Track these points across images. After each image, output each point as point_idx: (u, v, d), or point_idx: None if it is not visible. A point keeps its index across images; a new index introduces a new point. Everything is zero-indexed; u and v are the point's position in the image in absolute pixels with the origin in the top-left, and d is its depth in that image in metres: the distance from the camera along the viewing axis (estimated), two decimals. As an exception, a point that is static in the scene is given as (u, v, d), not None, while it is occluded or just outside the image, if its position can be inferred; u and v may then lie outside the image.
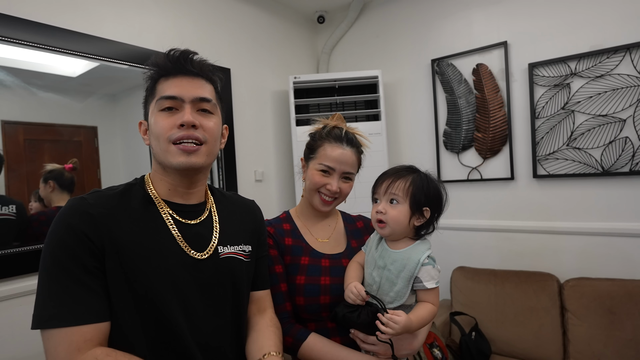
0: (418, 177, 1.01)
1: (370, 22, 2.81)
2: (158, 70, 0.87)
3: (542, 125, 2.15)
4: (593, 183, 2.04)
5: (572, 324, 1.90)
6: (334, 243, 1.16)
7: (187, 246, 0.84)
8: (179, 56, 0.86)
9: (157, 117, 0.84)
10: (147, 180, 0.90)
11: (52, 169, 1.55)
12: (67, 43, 1.60)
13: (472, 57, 2.36)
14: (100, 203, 0.79)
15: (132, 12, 1.86)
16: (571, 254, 2.11)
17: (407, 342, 0.99)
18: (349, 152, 1.11)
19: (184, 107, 0.84)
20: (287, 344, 1.01)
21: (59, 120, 1.58)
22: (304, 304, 1.04)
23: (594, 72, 1.99)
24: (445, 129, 2.49)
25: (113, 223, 0.77)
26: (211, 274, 0.85)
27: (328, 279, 1.06)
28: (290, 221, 1.18)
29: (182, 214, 0.87)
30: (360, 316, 0.92)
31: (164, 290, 0.78)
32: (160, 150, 0.83)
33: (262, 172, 2.52)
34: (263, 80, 2.58)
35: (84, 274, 0.73)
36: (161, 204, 0.86)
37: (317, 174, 1.11)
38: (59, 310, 0.69)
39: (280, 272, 1.07)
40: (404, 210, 0.99)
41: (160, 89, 0.85)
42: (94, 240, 0.74)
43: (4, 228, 1.41)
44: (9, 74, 1.44)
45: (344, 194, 1.12)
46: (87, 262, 0.73)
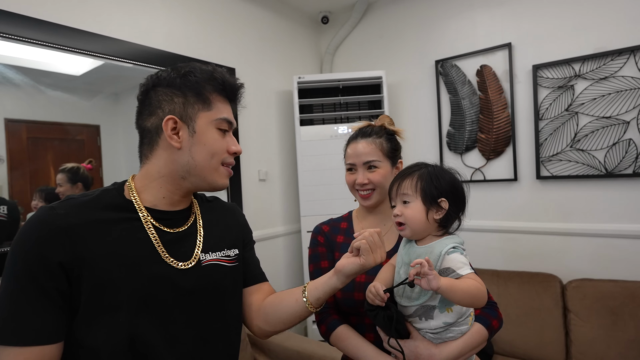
0: (425, 170, 0.99)
1: (374, 23, 2.82)
2: (217, 85, 0.85)
3: (546, 127, 2.15)
4: (596, 185, 2.05)
5: (574, 325, 1.91)
6: (385, 243, 1.16)
7: (169, 256, 0.81)
8: (239, 89, 0.90)
9: (215, 134, 0.85)
10: (129, 186, 0.84)
11: (79, 169, 1.59)
12: (74, 41, 1.61)
13: (476, 59, 2.37)
14: (71, 213, 0.73)
15: (139, 12, 1.87)
16: (574, 255, 2.11)
17: (427, 354, 0.93)
18: (362, 143, 1.14)
19: (230, 134, 0.89)
20: (322, 331, 1.09)
21: (63, 118, 1.58)
22: (341, 297, 1.09)
23: (598, 74, 1.99)
24: (448, 130, 2.50)
25: (84, 235, 0.72)
26: (194, 283, 0.82)
27: (364, 277, 1.07)
28: (349, 220, 1.23)
29: (166, 222, 0.84)
30: (376, 317, 0.91)
31: (138, 304, 0.74)
32: (209, 166, 0.84)
33: (265, 171, 2.53)
34: (267, 80, 2.59)
35: (39, 295, 0.69)
36: (143, 212, 0.81)
37: (347, 175, 1.18)
38: (7, 327, 0.67)
39: (326, 267, 1.13)
40: (417, 206, 0.96)
41: (220, 107, 0.86)
42: (60, 258, 0.69)
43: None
44: (12, 72, 1.45)
45: (375, 183, 1.13)
46: (45, 281, 0.69)
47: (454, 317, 0.93)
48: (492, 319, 1.02)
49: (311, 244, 1.20)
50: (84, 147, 1.64)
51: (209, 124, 0.84)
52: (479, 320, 0.99)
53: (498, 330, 1.04)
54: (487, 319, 1.01)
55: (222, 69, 0.88)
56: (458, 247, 0.94)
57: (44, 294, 0.69)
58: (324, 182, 2.46)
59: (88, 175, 1.63)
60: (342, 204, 1.44)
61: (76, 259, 0.71)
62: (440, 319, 0.92)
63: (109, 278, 0.73)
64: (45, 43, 1.52)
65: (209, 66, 0.88)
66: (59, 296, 0.70)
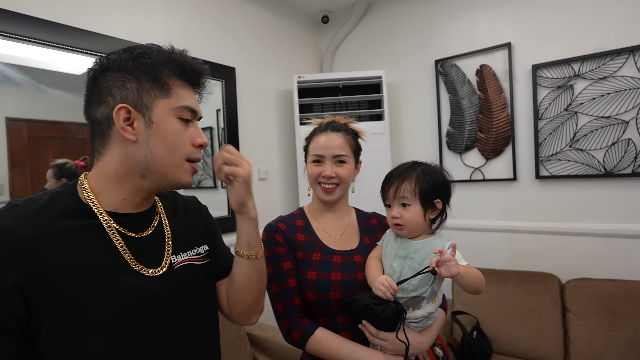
0: (422, 173, 1.03)
1: (374, 23, 2.83)
2: (176, 69, 0.75)
3: (545, 127, 2.16)
4: (595, 184, 2.05)
5: (573, 324, 1.91)
6: (346, 239, 1.16)
7: (138, 264, 0.73)
8: (203, 73, 0.80)
9: (176, 124, 0.75)
10: (83, 187, 0.73)
11: (65, 163, 1.56)
12: (75, 40, 1.61)
13: (476, 58, 2.37)
14: (20, 225, 0.63)
15: (139, 11, 1.88)
16: (573, 255, 2.12)
17: (417, 342, 1.00)
18: (334, 136, 1.12)
19: (195, 124, 0.79)
20: (295, 338, 1.03)
21: (63, 117, 1.59)
22: (315, 298, 1.05)
23: (597, 74, 2.00)
24: (448, 130, 2.50)
25: (41, 250, 0.63)
26: (168, 289, 0.75)
27: (339, 275, 1.06)
28: (304, 217, 1.19)
29: (131, 226, 0.75)
30: (384, 311, 0.92)
31: (113, 322, 0.67)
32: (171, 162, 0.74)
33: (265, 170, 2.54)
34: (267, 80, 2.60)
35: None
36: (104, 216, 0.71)
37: (311, 166, 1.14)
38: None
39: (289, 268, 1.08)
40: (417, 209, 1.02)
41: (180, 93, 0.76)
42: (16, 281, 0.60)
43: None
44: (13, 71, 1.45)
45: (342, 178, 1.11)
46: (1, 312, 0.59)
47: (435, 307, 1.03)
48: (444, 302, 1.15)
49: (267, 243, 1.09)
50: (85, 145, 1.65)
51: (169, 113, 0.73)
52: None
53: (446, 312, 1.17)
54: (443, 304, 1.13)
55: (182, 50, 0.78)
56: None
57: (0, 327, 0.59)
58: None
59: (76, 171, 1.58)
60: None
61: (34, 280, 0.61)
62: (426, 309, 1.01)
63: (75, 297, 0.63)
64: (46, 42, 1.53)
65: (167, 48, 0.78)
66: (15, 325, 0.60)
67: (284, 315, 1.05)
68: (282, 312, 1.06)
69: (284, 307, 1.06)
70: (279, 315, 1.06)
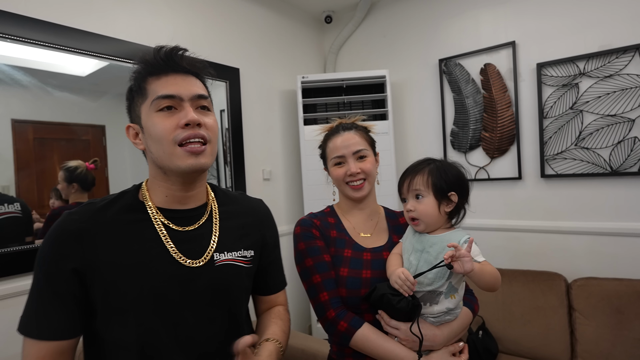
0: (434, 166, 1.04)
1: (377, 22, 2.82)
2: (147, 68, 0.80)
3: (550, 125, 2.15)
4: (601, 183, 2.04)
5: (579, 324, 1.90)
6: (376, 237, 1.16)
7: (181, 255, 0.80)
8: (169, 53, 0.79)
9: (155, 119, 0.78)
10: (143, 187, 0.86)
11: (76, 168, 1.58)
12: (81, 42, 1.62)
13: (480, 57, 2.37)
14: (83, 218, 0.77)
15: (144, 13, 1.89)
16: (579, 254, 2.11)
17: (431, 334, 0.98)
18: (348, 135, 1.15)
19: (184, 105, 0.79)
20: (341, 329, 1.01)
21: (68, 119, 1.59)
22: (346, 295, 1.05)
23: (602, 72, 1.99)
24: (452, 129, 2.49)
25: (94, 240, 0.75)
26: (205, 282, 0.81)
27: (369, 272, 1.07)
28: (334, 215, 1.20)
29: (178, 221, 0.84)
30: (400, 302, 0.93)
31: (146, 304, 0.76)
32: (164, 153, 0.78)
33: (270, 171, 2.54)
34: (271, 80, 2.60)
35: (55, 297, 0.74)
36: (154, 212, 0.82)
37: (335, 169, 1.15)
38: (30, 322, 0.75)
39: (330, 260, 1.09)
40: (430, 201, 1.02)
41: (154, 88, 0.79)
42: (68, 264, 0.74)
43: (13, 225, 1.44)
44: (19, 73, 1.46)
45: (367, 172, 1.13)
46: (60, 285, 0.74)
47: (455, 303, 1.00)
48: (474, 303, 1.12)
49: (304, 237, 1.11)
50: (90, 147, 1.65)
51: (149, 112, 0.79)
52: (465, 304, 1.08)
53: (476, 315, 1.13)
54: (471, 304, 1.10)
55: (157, 48, 0.81)
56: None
57: (59, 297, 0.74)
58: (328, 181, 2.46)
59: (87, 175, 1.61)
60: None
61: (87, 264, 0.74)
62: (444, 305, 0.99)
63: (115, 282, 0.75)
64: (52, 45, 1.54)
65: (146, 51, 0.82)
66: (72, 300, 0.75)
67: (328, 305, 1.03)
68: (327, 302, 1.03)
69: (329, 296, 1.04)
70: (323, 304, 1.04)
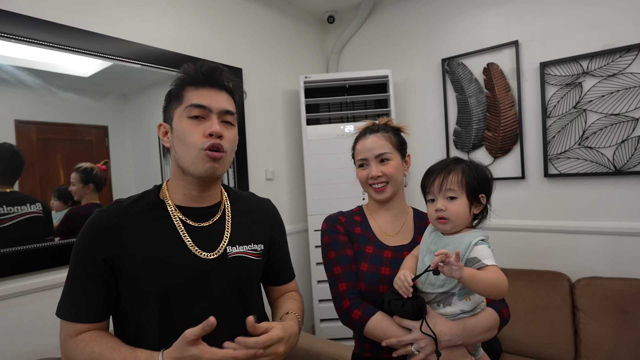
0: (467, 166, 1.02)
1: (380, 22, 2.82)
2: (188, 79, 0.91)
3: (554, 125, 2.14)
4: (605, 182, 2.04)
5: (583, 323, 1.90)
6: (400, 237, 1.18)
7: (197, 248, 0.89)
8: (211, 70, 0.91)
9: (186, 124, 0.89)
10: (163, 187, 0.96)
11: (92, 169, 1.63)
12: (84, 43, 1.63)
13: (483, 57, 2.36)
14: (114, 214, 0.88)
15: (147, 13, 1.89)
16: (583, 253, 2.10)
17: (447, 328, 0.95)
18: (372, 138, 1.17)
19: (211, 117, 0.89)
20: (355, 317, 1.05)
21: (72, 119, 1.61)
22: (365, 290, 1.09)
23: (606, 71, 1.98)
24: (455, 128, 2.49)
25: (122, 233, 0.86)
26: (219, 272, 0.90)
27: (388, 270, 1.09)
28: (362, 214, 1.24)
29: (194, 217, 0.93)
30: (404, 305, 0.94)
31: (166, 291, 0.85)
32: (189, 156, 0.88)
33: (272, 170, 2.54)
34: (274, 80, 2.61)
35: (88, 283, 0.85)
36: (173, 209, 0.92)
37: (359, 171, 1.20)
38: (64, 306, 0.86)
39: (352, 255, 1.14)
40: (464, 202, 1.00)
41: (189, 96, 0.90)
42: (100, 254, 0.84)
43: (36, 225, 1.48)
44: (22, 74, 1.47)
45: (388, 175, 1.14)
46: (93, 272, 0.85)
47: (471, 305, 0.98)
48: (502, 307, 1.07)
49: (328, 232, 1.18)
50: (93, 147, 1.66)
51: (181, 116, 0.90)
52: (490, 306, 1.05)
53: (507, 322, 1.08)
54: (498, 306, 1.06)
55: (201, 61, 0.93)
56: (486, 240, 0.99)
57: (92, 284, 0.85)
58: (330, 181, 2.47)
59: (101, 176, 1.67)
60: (349, 202, 1.44)
61: (116, 254, 0.85)
62: (458, 306, 0.97)
63: (140, 270, 0.84)
64: (56, 45, 1.54)
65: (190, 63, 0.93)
66: (103, 285, 0.85)
67: (345, 295, 1.07)
68: (345, 292, 1.08)
69: (347, 287, 1.08)
70: (340, 294, 1.08)
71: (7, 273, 1.40)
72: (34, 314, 1.45)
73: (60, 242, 1.54)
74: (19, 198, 1.43)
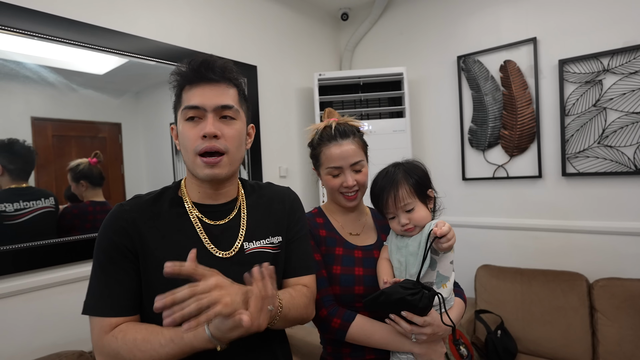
0: (407, 175, 1.07)
1: (394, 19, 2.80)
2: (182, 78, 0.88)
3: (572, 123, 2.11)
4: (625, 182, 2.00)
5: (601, 324, 1.87)
6: (365, 236, 1.19)
7: (213, 246, 0.88)
8: (199, 65, 0.86)
9: (183, 127, 0.87)
10: (182, 183, 0.95)
11: (78, 165, 1.58)
12: (103, 40, 1.64)
13: (500, 54, 2.33)
14: (134, 209, 0.87)
15: (165, 11, 1.90)
16: (601, 254, 2.07)
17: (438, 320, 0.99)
18: (346, 145, 1.11)
19: (207, 116, 0.85)
20: (335, 325, 1.04)
21: (86, 116, 1.61)
22: (340, 293, 1.08)
23: (627, 69, 1.94)
24: (470, 126, 2.47)
25: (143, 228, 0.84)
26: (235, 269, 0.85)
27: (361, 270, 1.09)
28: (323, 216, 1.21)
29: (210, 215, 0.91)
30: (422, 300, 0.94)
31: None
32: (189, 161, 0.88)
33: (286, 168, 2.55)
34: (288, 77, 2.60)
35: (120, 274, 0.83)
36: (190, 207, 0.91)
37: (330, 179, 1.14)
38: (95, 303, 0.82)
39: (320, 259, 1.11)
40: (421, 207, 1.06)
41: (185, 97, 0.87)
42: (127, 245, 0.83)
43: (49, 219, 1.49)
44: (39, 71, 1.48)
45: (361, 183, 1.14)
46: (122, 263, 0.83)
47: (447, 292, 1.04)
48: (462, 293, 1.17)
49: None
50: (106, 144, 1.67)
51: (180, 119, 0.88)
52: (457, 295, 1.13)
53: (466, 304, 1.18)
54: (461, 295, 1.16)
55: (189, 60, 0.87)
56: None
57: (124, 273, 0.83)
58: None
59: (91, 170, 1.61)
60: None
61: (137, 245, 0.83)
62: None
63: (160, 265, 0.78)
64: (76, 42, 1.56)
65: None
66: (135, 275, 0.84)
67: (320, 304, 1.06)
68: (319, 301, 1.06)
69: (320, 295, 1.06)
70: (315, 304, 1.05)
71: (25, 267, 1.42)
72: (55, 307, 1.47)
73: (78, 238, 1.55)
74: (33, 192, 1.45)
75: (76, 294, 1.52)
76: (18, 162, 1.42)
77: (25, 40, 1.44)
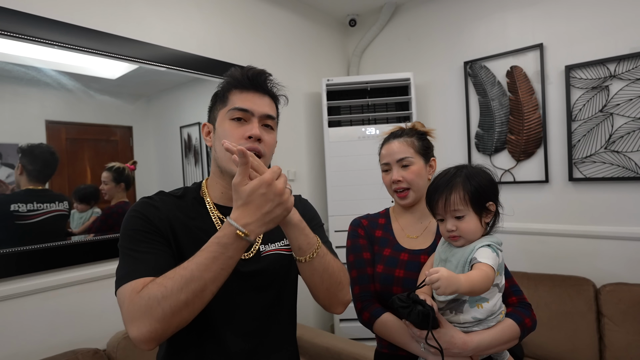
0: (467, 180, 0.98)
1: (402, 25, 2.84)
2: (234, 82, 0.93)
3: (579, 128, 2.12)
4: (632, 187, 2.00)
5: (609, 330, 1.87)
6: (422, 240, 1.19)
7: None
8: (257, 75, 0.93)
9: (228, 125, 0.91)
10: (203, 185, 0.98)
11: (124, 169, 1.71)
12: (117, 47, 1.70)
13: (506, 59, 2.35)
14: (162, 200, 0.91)
15: (177, 19, 1.96)
16: (608, 259, 2.07)
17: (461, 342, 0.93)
18: (394, 143, 1.21)
19: (253, 120, 0.91)
20: (364, 318, 1.12)
21: (98, 120, 1.67)
22: (379, 290, 1.13)
23: (634, 75, 1.95)
24: (477, 131, 2.49)
25: (171, 216, 0.87)
26: (253, 271, 0.91)
27: (402, 272, 1.11)
28: (387, 217, 1.27)
29: None
30: (410, 315, 0.92)
31: None
32: (224, 156, 0.89)
33: (294, 172, 2.58)
34: (296, 83, 2.65)
35: (148, 242, 0.82)
36: (212, 207, 0.93)
37: (383, 175, 1.23)
38: (127, 271, 0.78)
39: (368, 258, 1.18)
40: (472, 218, 0.97)
41: (234, 99, 0.92)
42: (157, 223, 0.84)
43: (59, 222, 1.53)
44: (62, 77, 1.54)
45: (409, 180, 1.16)
46: (150, 234, 0.83)
47: (484, 313, 0.95)
48: (525, 317, 1.03)
49: (351, 235, 1.23)
50: (118, 147, 1.72)
51: (224, 118, 0.92)
52: (510, 316, 1.01)
53: (531, 330, 1.04)
54: (520, 316, 1.02)
55: (249, 67, 0.94)
56: (492, 245, 0.96)
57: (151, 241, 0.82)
58: (351, 183, 2.49)
59: (130, 176, 1.75)
60: (370, 203, 1.47)
61: (167, 229, 0.85)
62: (470, 314, 0.95)
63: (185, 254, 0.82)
64: (90, 50, 1.61)
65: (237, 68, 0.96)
66: (165, 250, 0.83)
67: (358, 298, 1.14)
68: (358, 295, 1.15)
69: (360, 290, 1.15)
70: (354, 297, 1.15)
71: (41, 268, 1.46)
72: (71, 306, 1.52)
73: (94, 239, 1.60)
74: (49, 195, 1.50)
75: (92, 293, 1.57)
76: (37, 164, 1.48)
77: (46, 49, 1.50)
